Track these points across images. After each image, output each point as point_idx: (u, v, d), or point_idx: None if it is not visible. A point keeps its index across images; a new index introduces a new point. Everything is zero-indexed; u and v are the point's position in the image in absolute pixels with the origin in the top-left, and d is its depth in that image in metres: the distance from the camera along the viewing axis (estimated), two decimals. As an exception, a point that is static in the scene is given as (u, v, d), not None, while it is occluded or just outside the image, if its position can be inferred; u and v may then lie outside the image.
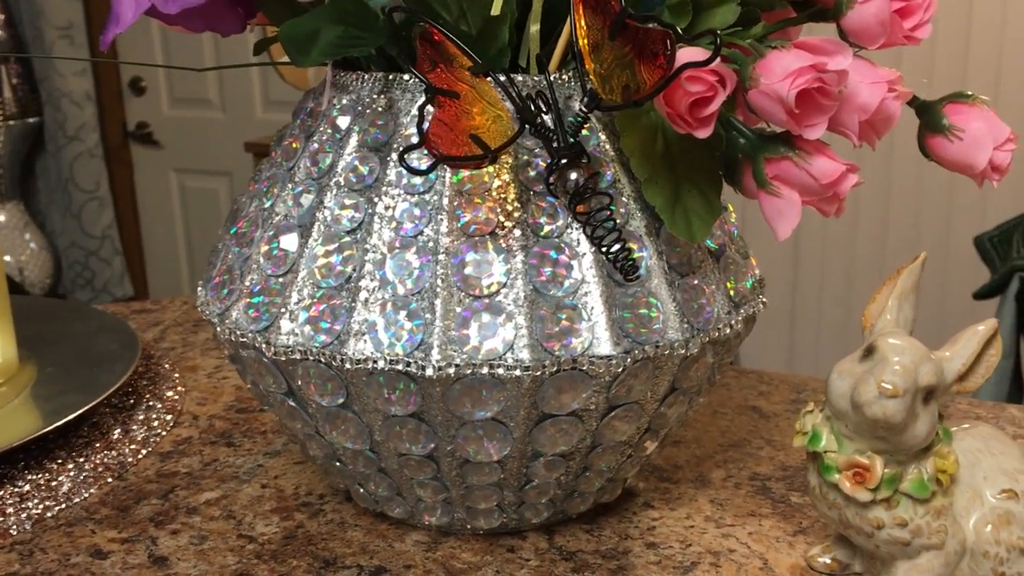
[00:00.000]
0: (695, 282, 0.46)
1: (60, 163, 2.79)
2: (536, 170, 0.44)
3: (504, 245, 0.43)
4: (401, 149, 0.38)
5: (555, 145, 0.42)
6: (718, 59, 0.39)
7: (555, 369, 0.42)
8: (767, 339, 2.14)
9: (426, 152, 0.39)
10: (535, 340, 0.42)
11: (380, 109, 0.45)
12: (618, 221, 0.43)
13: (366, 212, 0.44)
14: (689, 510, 0.53)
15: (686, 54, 0.39)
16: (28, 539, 0.50)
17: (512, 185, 0.43)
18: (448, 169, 0.44)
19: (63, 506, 0.53)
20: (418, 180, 0.44)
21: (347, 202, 0.44)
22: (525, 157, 0.44)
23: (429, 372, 0.41)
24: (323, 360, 0.43)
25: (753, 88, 0.40)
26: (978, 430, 0.45)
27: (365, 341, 0.42)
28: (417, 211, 0.43)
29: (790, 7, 0.45)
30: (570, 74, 0.45)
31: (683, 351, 0.44)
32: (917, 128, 0.45)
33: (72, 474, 0.56)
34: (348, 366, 0.42)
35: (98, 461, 0.58)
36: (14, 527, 0.51)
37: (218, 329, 0.47)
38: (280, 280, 0.45)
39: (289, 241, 0.45)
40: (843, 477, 0.42)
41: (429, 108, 0.40)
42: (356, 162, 0.45)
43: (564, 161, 0.41)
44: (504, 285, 0.42)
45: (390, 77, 0.46)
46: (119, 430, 0.62)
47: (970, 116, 0.44)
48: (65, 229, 2.86)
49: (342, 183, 0.45)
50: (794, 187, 0.43)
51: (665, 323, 0.44)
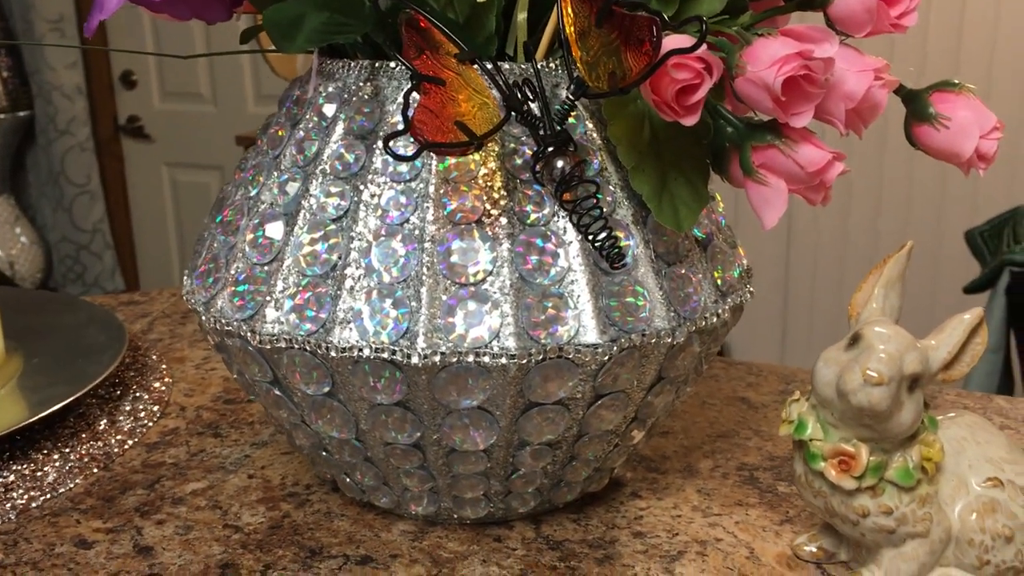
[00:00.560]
0: (682, 271, 0.46)
1: (51, 157, 2.78)
2: (523, 158, 0.44)
3: (490, 233, 0.42)
4: (385, 136, 0.38)
5: (542, 133, 0.42)
6: (704, 46, 0.39)
7: (541, 357, 0.42)
8: (758, 331, 2.15)
9: (411, 139, 0.39)
10: (521, 328, 0.41)
11: (366, 97, 0.45)
12: (604, 209, 0.43)
13: (352, 200, 0.44)
14: (676, 500, 0.53)
15: (672, 41, 0.39)
16: (12, 529, 0.50)
17: (498, 173, 0.43)
18: (434, 157, 0.43)
19: (48, 496, 0.53)
20: (404, 168, 0.43)
21: (333, 190, 0.44)
22: (512, 145, 0.44)
23: (415, 360, 0.41)
24: (308, 349, 0.43)
25: (740, 76, 0.40)
26: (964, 419, 0.45)
27: (350, 329, 0.42)
28: (403, 199, 0.43)
29: (777, -5, 0.45)
30: (557, 62, 0.45)
31: (670, 340, 0.44)
32: (904, 116, 0.45)
33: (58, 464, 0.56)
34: (333, 354, 0.42)
35: (84, 452, 0.58)
36: (-1, 517, 0.51)
37: (203, 318, 0.47)
38: (265, 268, 0.45)
39: (274, 229, 0.45)
40: (828, 465, 0.42)
41: (415, 95, 0.40)
42: (342, 150, 0.45)
43: (550, 149, 0.41)
44: (490, 273, 0.42)
45: (376, 64, 0.45)
46: (105, 421, 0.62)
47: (956, 105, 0.43)
48: (56, 223, 2.85)
49: (328, 171, 0.45)
50: (780, 175, 0.43)
51: (651, 312, 0.44)
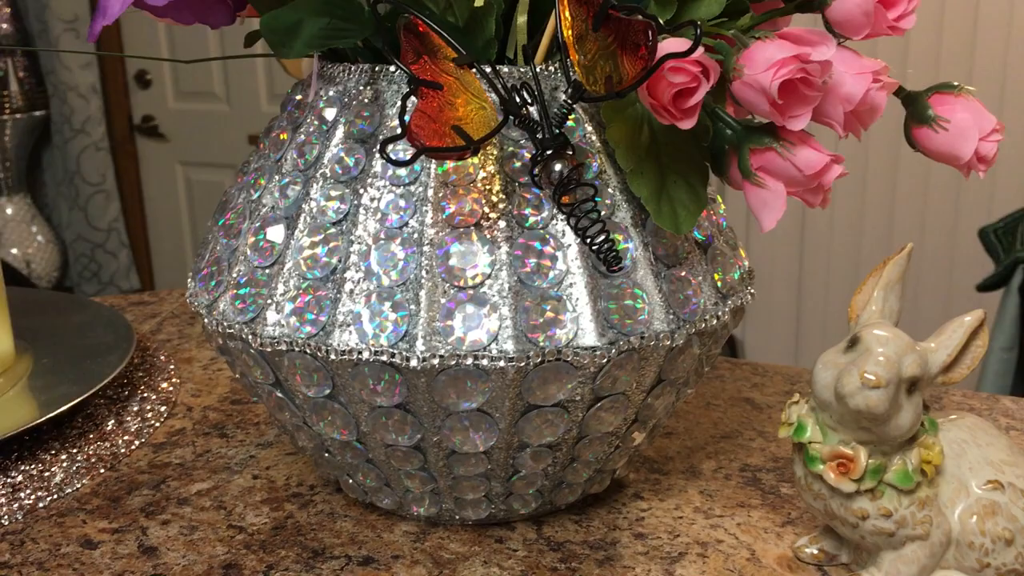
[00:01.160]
0: (682, 273, 0.46)
1: (66, 156, 2.80)
2: (521, 161, 0.44)
3: (489, 236, 0.43)
4: (382, 141, 0.38)
5: (540, 136, 0.42)
6: (701, 50, 0.39)
7: (540, 360, 0.42)
8: (772, 331, 2.14)
9: (408, 144, 0.39)
10: (519, 331, 0.42)
11: (366, 100, 0.45)
12: (603, 212, 0.44)
13: (352, 203, 0.44)
14: (679, 501, 0.53)
15: (668, 45, 0.39)
16: (19, 529, 0.51)
17: (497, 176, 0.43)
18: (433, 161, 0.44)
19: (55, 497, 0.53)
20: (403, 171, 0.44)
21: (333, 193, 0.44)
22: (510, 148, 0.44)
23: (414, 363, 0.41)
24: (308, 351, 0.43)
25: (737, 79, 0.40)
26: (964, 421, 0.45)
27: (350, 332, 0.42)
28: (402, 202, 0.43)
29: (777, -3, 0.45)
30: (556, 65, 0.45)
31: (669, 342, 0.44)
32: (903, 119, 0.45)
33: (65, 465, 0.57)
34: (333, 357, 0.42)
35: (91, 452, 0.58)
36: (5, 517, 0.51)
37: (205, 320, 0.47)
38: (266, 271, 0.45)
39: (275, 232, 0.45)
40: (827, 468, 0.42)
41: (412, 99, 0.40)
42: (342, 153, 0.45)
43: (549, 152, 0.41)
44: (489, 276, 0.42)
45: (376, 68, 0.46)
46: (113, 421, 0.62)
47: (955, 107, 0.43)
48: (72, 222, 2.87)
49: (328, 174, 0.45)
50: (779, 178, 0.43)
51: (651, 314, 0.44)
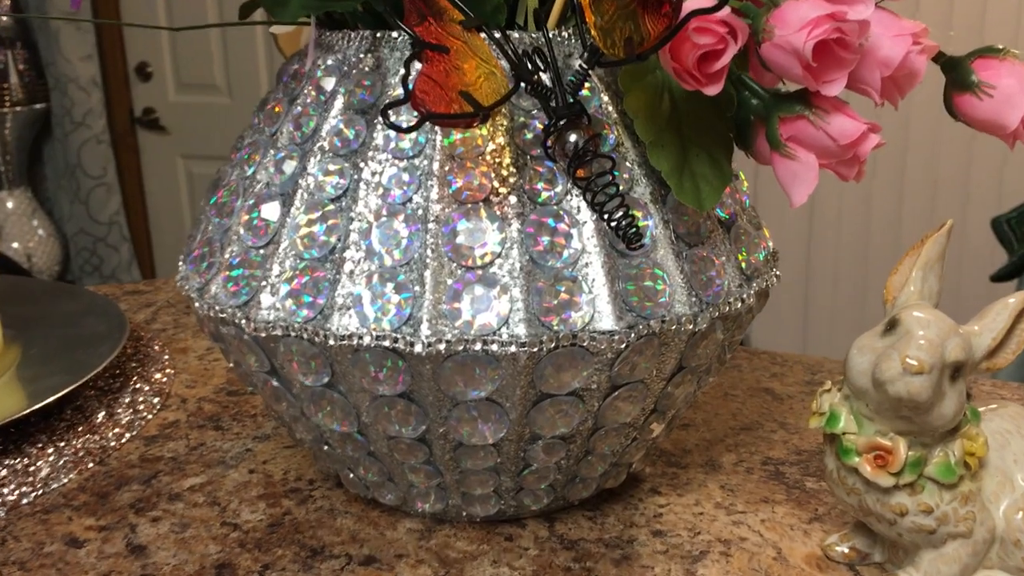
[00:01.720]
0: (704, 253, 0.43)
1: (67, 149, 2.77)
2: (533, 132, 0.41)
3: (499, 213, 0.40)
4: (383, 105, 0.35)
5: (553, 105, 0.39)
6: (728, 9, 0.36)
7: (553, 345, 0.39)
8: (780, 318, 2.11)
9: (413, 110, 0.36)
10: (532, 314, 0.39)
11: (367, 69, 0.42)
12: (621, 187, 0.41)
13: (351, 178, 0.41)
14: (698, 496, 0.50)
15: (693, 3, 0.36)
16: (2, 527, 0.48)
17: (507, 149, 0.40)
18: (439, 132, 0.41)
19: (40, 492, 0.51)
20: (407, 144, 0.41)
21: (331, 168, 0.42)
22: (521, 119, 0.41)
23: (418, 348, 0.38)
24: (306, 336, 0.40)
25: (767, 41, 0.37)
26: (1007, 410, 0.42)
27: (350, 316, 0.39)
28: (406, 177, 0.40)
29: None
30: (570, 31, 0.42)
31: (691, 326, 0.41)
32: (943, 86, 0.42)
33: (51, 459, 0.54)
34: (332, 342, 0.39)
35: (79, 445, 0.55)
36: (-12, 514, 0.49)
37: (196, 305, 0.44)
38: (261, 252, 0.42)
39: (270, 210, 0.42)
40: (863, 460, 0.39)
41: (416, 64, 0.37)
42: (341, 125, 0.42)
43: (563, 122, 0.39)
44: (499, 255, 0.39)
45: (378, 35, 0.43)
46: (103, 413, 0.59)
47: (1000, 72, 0.40)
48: (73, 215, 2.84)
49: (326, 148, 0.42)
50: (810, 149, 0.40)
51: (672, 296, 0.41)
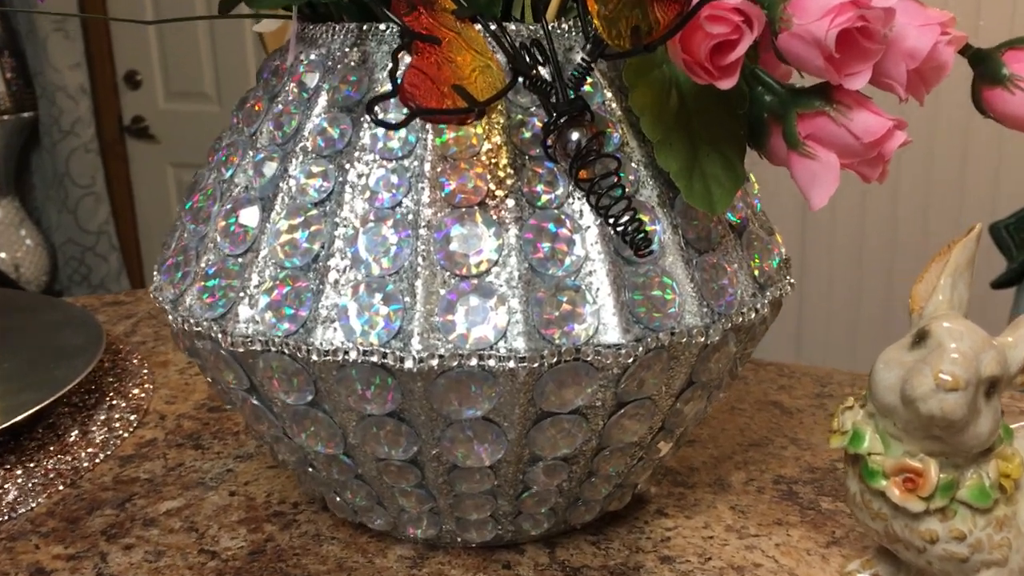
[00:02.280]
0: (715, 260, 0.40)
1: (55, 158, 2.74)
2: (532, 131, 0.38)
3: (495, 217, 0.37)
4: (370, 99, 0.32)
5: (554, 101, 0.36)
6: (743, -5, 0.34)
7: (555, 360, 0.36)
8: (773, 329, 2.06)
9: (402, 105, 0.33)
10: (532, 327, 0.36)
11: (352, 64, 0.39)
12: (627, 188, 0.38)
13: (336, 181, 0.38)
14: (707, 518, 0.47)
15: (705, -11, 0.33)
16: (-36, 556, 0.45)
17: (504, 148, 0.37)
18: (430, 131, 0.38)
19: (6, 518, 0.47)
20: (396, 143, 0.38)
21: (314, 170, 0.39)
22: (519, 116, 0.38)
23: (409, 364, 0.35)
24: (287, 351, 0.37)
25: (784, 30, 0.35)
26: (1041, 428, 0.39)
27: (335, 329, 0.36)
28: (394, 179, 0.37)
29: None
30: (570, 23, 0.39)
31: (702, 339, 0.38)
32: (971, 80, 0.39)
33: (20, 481, 0.51)
34: (315, 358, 0.36)
35: (50, 467, 0.52)
36: (-51, 542, 0.46)
37: (170, 317, 0.41)
38: (239, 260, 0.39)
39: (249, 215, 0.40)
40: (891, 484, 0.36)
41: (405, 56, 0.34)
42: (325, 124, 0.39)
43: (564, 119, 0.36)
44: (495, 263, 0.36)
45: (364, 27, 0.40)
46: (76, 432, 0.56)
47: (1034, 64, 0.38)
48: (61, 225, 2.81)
49: (309, 148, 0.39)
50: (831, 147, 0.37)
51: (681, 307, 0.38)
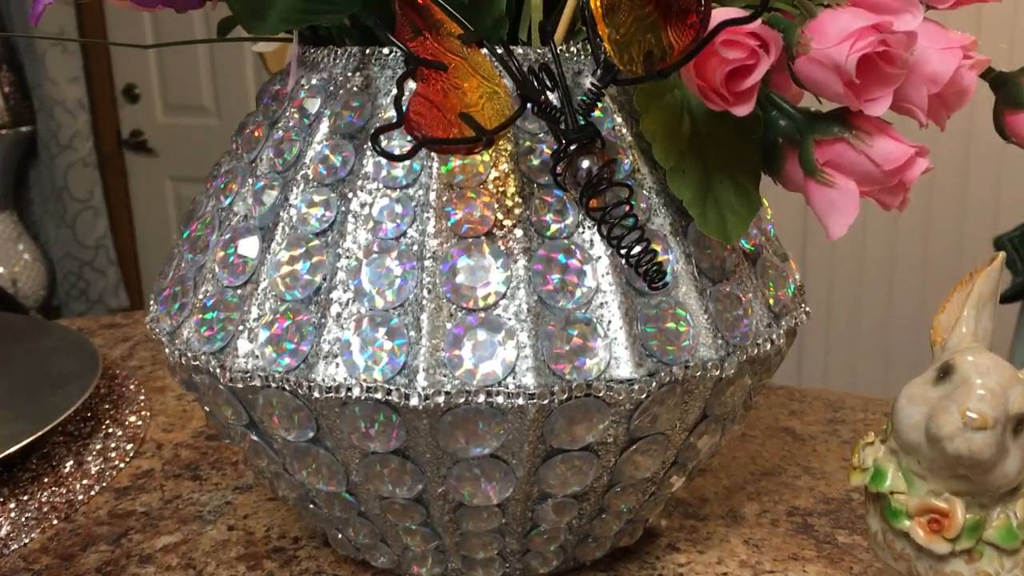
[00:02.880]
0: (729, 290, 0.39)
1: (53, 172, 2.73)
2: (540, 158, 0.37)
3: (503, 248, 0.36)
4: (374, 130, 0.31)
5: (563, 127, 0.35)
6: (759, 19, 0.33)
7: (566, 396, 0.35)
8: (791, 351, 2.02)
9: (407, 135, 0.32)
10: (541, 361, 0.35)
11: (355, 89, 0.38)
12: (639, 217, 0.36)
13: (338, 210, 0.37)
14: (721, 553, 0.46)
15: (720, 14, 0.32)
16: (-46, 595, 0.44)
17: (512, 176, 0.36)
18: (435, 159, 0.37)
19: (-2, 555, 0.46)
20: (400, 172, 0.37)
21: (316, 199, 0.37)
22: (527, 143, 0.37)
23: (414, 402, 0.34)
24: (287, 388, 0.36)
25: (801, 55, 0.34)
26: (1069, 463, 0.37)
27: (337, 365, 0.35)
28: (399, 208, 0.36)
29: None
30: (579, 46, 0.38)
31: (717, 372, 0.37)
32: (993, 104, 0.38)
33: (13, 515, 0.49)
34: (317, 395, 0.35)
35: (44, 500, 0.51)
36: (-62, 581, 0.44)
37: (167, 350, 0.40)
38: (238, 292, 0.38)
39: (248, 246, 0.38)
40: (915, 524, 0.35)
41: (410, 82, 0.33)
42: (327, 151, 0.38)
43: (574, 147, 0.35)
44: (503, 296, 0.35)
45: (366, 51, 0.39)
46: (71, 462, 0.55)
47: (1059, 88, 0.37)
48: (59, 239, 2.80)
49: (310, 176, 0.38)
50: (850, 175, 0.36)
51: (695, 339, 0.37)
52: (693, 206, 0.37)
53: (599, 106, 0.37)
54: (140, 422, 0.60)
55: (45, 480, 0.53)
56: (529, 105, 0.34)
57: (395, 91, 0.32)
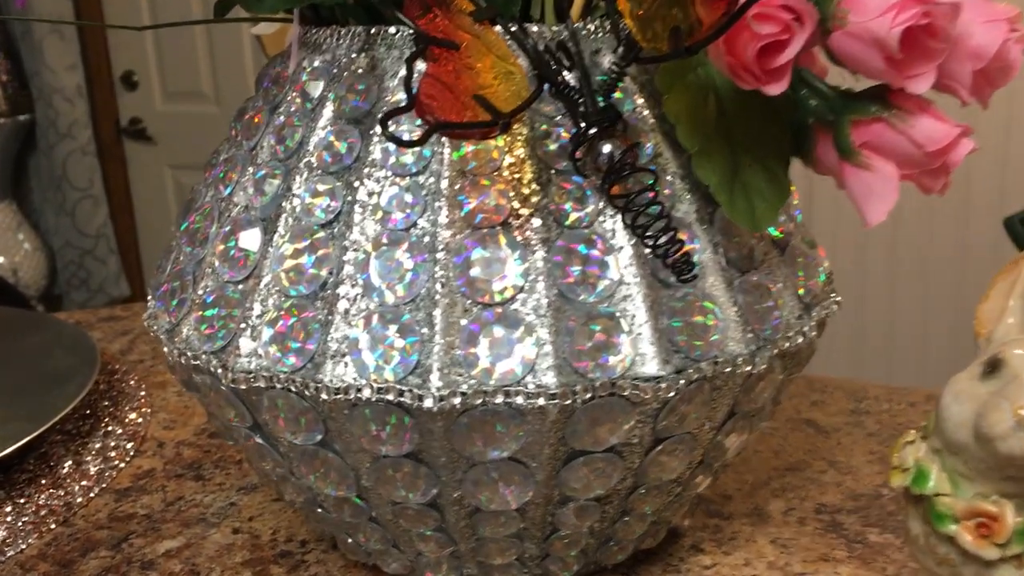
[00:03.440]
0: (758, 280, 0.36)
1: (52, 161, 2.71)
2: (557, 143, 0.35)
3: (520, 239, 0.33)
4: (383, 114, 0.29)
5: (583, 110, 0.33)
6: (794, -9, 0.30)
7: (589, 396, 0.33)
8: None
9: (418, 119, 0.30)
10: (562, 359, 0.33)
11: (360, 71, 0.36)
12: (665, 205, 0.34)
13: (344, 200, 0.35)
14: (747, 554, 0.44)
15: (753, -15, 0.30)
16: (-53, 606, 0.42)
17: (528, 162, 0.34)
18: (447, 144, 0.34)
19: (-7, 562, 0.44)
20: (409, 159, 0.34)
21: (320, 188, 0.35)
22: (543, 126, 0.35)
23: (428, 404, 0.32)
24: (293, 389, 0.34)
25: (838, 28, 0.31)
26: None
27: (346, 364, 0.33)
28: (408, 197, 0.34)
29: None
30: (596, 23, 0.36)
31: (748, 368, 0.35)
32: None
33: (10, 520, 0.47)
34: (325, 396, 0.33)
35: (42, 503, 0.49)
36: (-69, 591, 0.42)
37: (166, 349, 0.38)
38: (239, 287, 0.36)
39: (250, 238, 0.36)
40: (962, 528, 0.33)
41: (420, 64, 0.31)
42: (331, 137, 0.36)
43: (594, 130, 0.32)
44: (521, 289, 0.33)
45: (372, 31, 0.36)
46: (70, 462, 0.53)
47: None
48: (59, 228, 2.78)
49: (315, 164, 0.36)
50: (890, 157, 0.33)
51: (724, 333, 0.35)
52: (720, 192, 0.35)
53: (619, 87, 0.35)
54: (140, 419, 0.58)
55: (43, 482, 0.51)
56: (547, 86, 0.32)
57: (404, 72, 0.30)
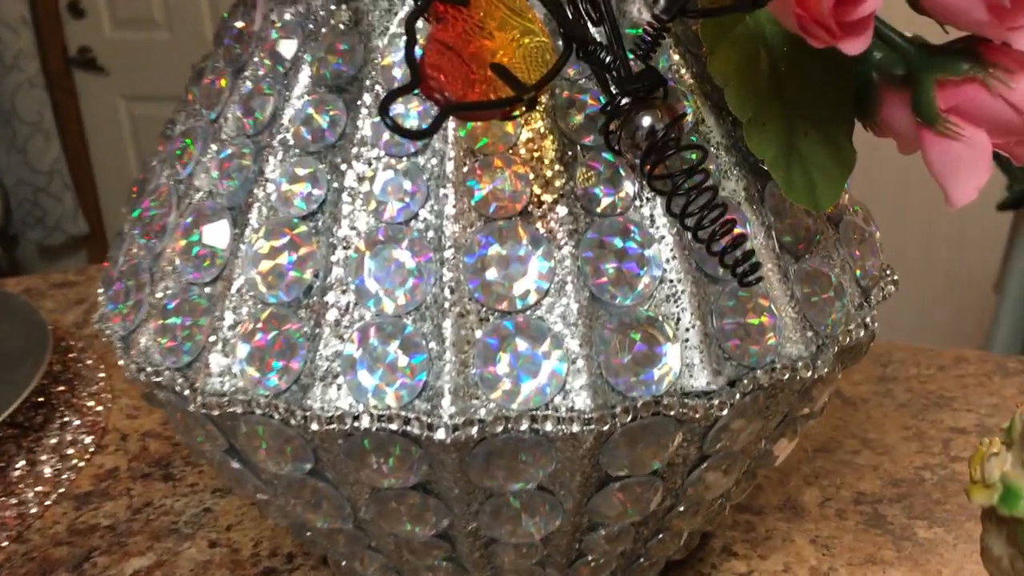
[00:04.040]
0: (815, 266, 0.31)
1: (0, 95, 2.59)
2: (583, 112, 0.29)
3: (543, 231, 0.28)
4: (384, 97, 0.23)
5: (616, 75, 0.27)
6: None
7: (629, 418, 0.28)
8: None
9: (425, 98, 0.24)
10: (597, 375, 0.27)
11: (341, 27, 0.30)
12: (718, 189, 0.29)
13: (329, 186, 0.29)
14: (785, 557, 0.39)
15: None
16: None
17: (550, 137, 0.28)
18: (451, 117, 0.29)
19: (-64, 593, 0.39)
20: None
21: (300, 172, 0.29)
22: (567, 94, 0.29)
23: (440, 435, 0.27)
24: (277, 416, 0.28)
25: (931, -27, 0.26)
26: None
27: (339, 387, 0.28)
28: (407, 183, 0.28)
29: None
30: (624, -34, 0.30)
31: (808, 372, 0.30)
32: None
33: (-46, 537, 0.42)
34: (315, 426, 0.28)
35: (-9, 515, 0.44)
36: None
37: (121, 362, 0.32)
38: (206, 291, 0.30)
39: (216, 232, 0.30)
40: (1064, 560, 0.28)
41: (421, 24, 0.25)
42: (310, 109, 0.30)
43: (628, 100, 0.27)
44: (546, 293, 0.28)
45: (354, -24, 0.30)
46: (23, 462, 0.47)
47: None
48: (11, 166, 2.68)
49: (291, 142, 0.30)
50: (981, 124, 0.28)
51: (781, 333, 0.30)
52: (776, 167, 0.29)
53: (661, 45, 0.29)
54: (100, 407, 0.53)
55: (-8, 488, 0.46)
56: (575, 47, 0.26)
57: (406, 35, 0.24)
